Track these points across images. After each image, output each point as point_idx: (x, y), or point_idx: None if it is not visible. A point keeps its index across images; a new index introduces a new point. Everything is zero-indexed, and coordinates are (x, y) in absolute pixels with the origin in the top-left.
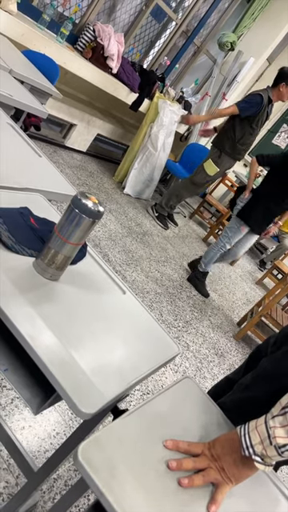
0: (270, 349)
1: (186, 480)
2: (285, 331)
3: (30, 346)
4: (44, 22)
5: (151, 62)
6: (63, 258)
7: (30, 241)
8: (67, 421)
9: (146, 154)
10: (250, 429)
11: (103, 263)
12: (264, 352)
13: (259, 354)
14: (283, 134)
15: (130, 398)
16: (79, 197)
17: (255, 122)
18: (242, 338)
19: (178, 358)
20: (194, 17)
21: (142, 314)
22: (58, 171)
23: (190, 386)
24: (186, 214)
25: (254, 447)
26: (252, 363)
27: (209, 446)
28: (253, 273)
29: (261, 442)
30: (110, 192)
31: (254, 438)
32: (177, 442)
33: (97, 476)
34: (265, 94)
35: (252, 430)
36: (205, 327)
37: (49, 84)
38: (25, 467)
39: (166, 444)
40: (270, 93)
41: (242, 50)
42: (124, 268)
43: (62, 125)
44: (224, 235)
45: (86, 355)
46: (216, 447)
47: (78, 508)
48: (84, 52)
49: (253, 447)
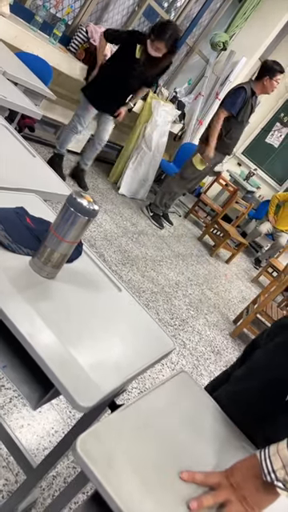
0: (263, 341)
1: (195, 504)
2: (278, 323)
3: (29, 343)
4: (37, 23)
5: None
6: (59, 257)
7: (26, 240)
8: (65, 419)
9: (140, 154)
10: (271, 453)
11: (99, 261)
12: (257, 345)
13: (253, 346)
14: (276, 132)
15: (128, 395)
16: (74, 196)
17: (241, 115)
18: (238, 335)
19: (175, 355)
20: (186, 17)
21: (138, 310)
22: (53, 171)
23: (186, 380)
24: (181, 214)
25: (275, 472)
26: (247, 356)
27: (226, 475)
28: (248, 271)
29: (283, 467)
30: (105, 192)
31: (275, 462)
32: (193, 473)
33: (95, 467)
34: (247, 87)
35: (273, 454)
36: (201, 325)
37: (42, 85)
38: (24, 464)
39: (182, 476)
40: (254, 85)
41: (234, 50)
42: (120, 268)
43: (56, 126)
44: (74, 115)
45: (84, 351)
46: (235, 475)
47: (77, 504)
48: (77, 53)
49: (275, 472)
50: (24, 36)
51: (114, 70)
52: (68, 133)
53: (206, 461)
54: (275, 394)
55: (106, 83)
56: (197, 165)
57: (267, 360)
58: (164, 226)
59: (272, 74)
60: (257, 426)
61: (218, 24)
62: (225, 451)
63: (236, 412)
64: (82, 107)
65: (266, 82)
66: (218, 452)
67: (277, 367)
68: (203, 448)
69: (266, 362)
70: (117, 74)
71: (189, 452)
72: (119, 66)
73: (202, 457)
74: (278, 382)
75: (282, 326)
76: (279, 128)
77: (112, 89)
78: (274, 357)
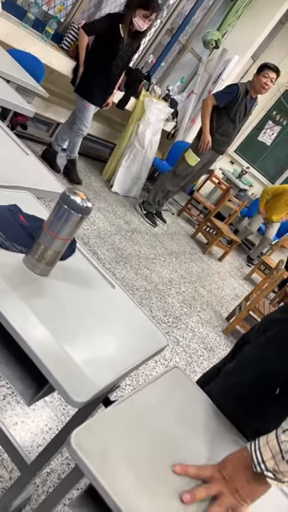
0: (253, 336)
1: (187, 496)
2: (268, 318)
3: (23, 340)
4: (29, 20)
5: (137, 60)
6: (53, 254)
7: (19, 237)
8: (59, 416)
9: (133, 151)
10: (261, 444)
11: (92, 259)
12: (248, 340)
13: (244, 342)
14: (268, 130)
15: (121, 392)
16: (68, 193)
17: (233, 111)
18: (231, 332)
19: (168, 352)
20: (179, 15)
21: (131, 307)
22: (46, 169)
23: (178, 376)
24: (174, 212)
25: (265, 463)
26: (237, 351)
27: (219, 468)
28: (241, 268)
29: (272, 457)
30: (98, 190)
31: (265, 453)
32: (186, 467)
33: (90, 461)
34: (242, 86)
35: (263, 445)
36: (194, 322)
37: (35, 83)
38: (18, 460)
39: (175, 469)
40: (249, 86)
41: (226, 48)
42: (113, 266)
43: (48, 124)
44: (75, 118)
45: (78, 347)
46: (227, 468)
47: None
48: (69, 51)
49: (264, 463)
50: (16, 33)
51: (102, 59)
52: (75, 138)
53: (199, 454)
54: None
55: (98, 76)
56: (189, 160)
57: (257, 354)
58: (157, 223)
59: (259, 70)
60: (248, 419)
61: (210, 22)
62: (217, 444)
63: (227, 405)
64: (81, 108)
65: (254, 78)
66: (211, 445)
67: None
68: (196, 442)
69: (256, 356)
70: (106, 62)
71: (182, 446)
72: (106, 53)
73: (194, 450)
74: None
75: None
76: (271, 126)
77: (106, 79)
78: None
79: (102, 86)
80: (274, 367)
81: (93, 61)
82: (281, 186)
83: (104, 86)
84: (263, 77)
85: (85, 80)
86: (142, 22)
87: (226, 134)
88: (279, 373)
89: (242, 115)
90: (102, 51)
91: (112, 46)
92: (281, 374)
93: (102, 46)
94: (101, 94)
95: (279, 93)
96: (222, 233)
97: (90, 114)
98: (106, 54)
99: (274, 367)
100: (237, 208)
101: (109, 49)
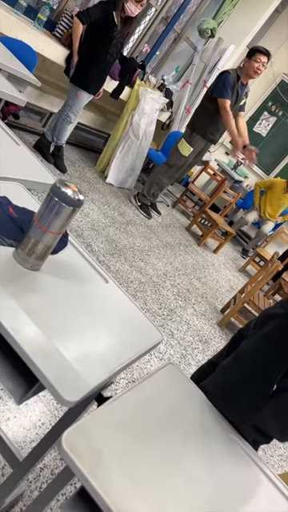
0: (250, 331)
1: None
2: (265, 312)
3: (12, 337)
4: (20, 7)
5: (131, 49)
6: (44, 248)
7: (9, 231)
8: (52, 411)
9: (127, 142)
10: None
11: (85, 253)
12: (245, 335)
13: (240, 337)
14: (264, 121)
15: (116, 386)
16: (58, 185)
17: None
18: (226, 324)
19: (163, 345)
20: (174, 3)
21: (125, 302)
22: (38, 160)
23: (173, 372)
24: (169, 203)
25: None
26: (234, 346)
27: None
28: (236, 260)
29: None
30: (92, 181)
31: None
32: None
33: (81, 463)
34: (233, 72)
35: None
36: (189, 315)
37: (27, 71)
38: (10, 457)
39: None
40: (240, 72)
41: (222, 37)
42: (108, 258)
43: (41, 113)
44: (65, 105)
45: (69, 344)
46: None
47: (64, 496)
48: (62, 39)
49: None
50: (7, 20)
51: (97, 47)
52: (62, 124)
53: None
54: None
55: (93, 65)
56: (182, 150)
57: (254, 350)
58: (152, 215)
59: (250, 54)
60: (244, 415)
61: (205, 11)
62: (211, 442)
63: (223, 401)
64: (72, 95)
65: (245, 63)
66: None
67: (264, 357)
68: (190, 439)
69: (253, 352)
70: (101, 50)
71: (176, 445)
72: (100, 41)
73: (189, 448)
74: (265, 371)
75: (269, 316)
76: (267, 117)
77: (101, 67)
78: (260, 347)
79: (98, 74)
80: (269, 364)
81: (87, 49)
82: (270, 180)
83: (99, 74)
84: (255, 61)
85: (80, 69)
86: (134, 7)
87: (217, 122)
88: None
89: (234, 102)
90: (97, 39)
91: (107, 33)
92: (278, 370)
93: (97, 34)
94: (96, 82)
95: (275, 83)
96: (217, 225)
97: (81, 103)
98: (101, 41)
99: (271, 363)
100: (232, 200)
101: (103, 37)
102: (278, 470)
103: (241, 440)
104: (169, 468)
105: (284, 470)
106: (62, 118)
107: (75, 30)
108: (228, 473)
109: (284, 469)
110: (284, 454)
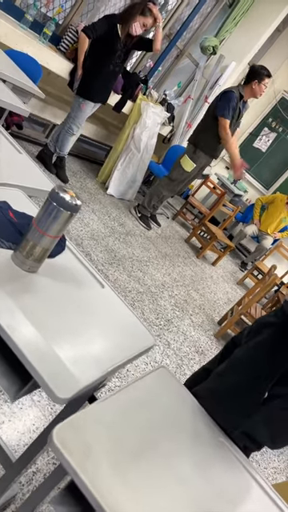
0: (243, 339)
1: None
2: (259, 321)
3: (8, 335)
4: (27, 22)
5: (134, 64)
6: (41, 251)
7: (8, 234)
8: (47, 416)
9: (129, 155)
10: None
11: (82, 258)
12: (238, 342)
13: (233, 344)
14: (264, 137)
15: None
16: (57, 190)
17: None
18: (223, 335)
19: (159, 355)
20: (177, 20)
21: (120, 306)
22: (39, 168)
23: (164, 375)
24: (169, 215)
25: None
26: (227, 353)
27: None
28: (234, 273)
29: None
30: (93, 192)
31: None
32: None
33: (71, 457)
34: (236, 90)
35: None
36: (186, 326)
37: (31, 83)
38: (3, 458)
39: None
40: (242, 90)
41: (223, 54)
42: (106, 267)
43: (44, 125)
44: (68, 117)
45: (64, 344)
46: None
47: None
48: (67, 53)
49: None
50: (14, 34)
51: (102, 59)
52: (65, 135)
53: (182, 453)
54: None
55: (98, 76)
56: (185, 166)
57: (247, 358)
58: (152, 227)
59: (260, 77)
60: (235, 421)
61: (208, 28)
62: (201, 445)
63: (215, 407)
64: (76, 107)
65: (254, 85)
66: (195, 445)
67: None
68: (181, 442)
69: (245, 360)
70: (105, 61)
71: (166, 444)
72: (105, 54)
73: (178, 448)
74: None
75: (262, 325)
76: (267, 133)
77: (106, 78)
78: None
79: (102, 84)
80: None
81: (91, 62)
82: (272, 195)
83: (104, 84)
84: (264, 85)
85: (85, 81)
86: (139, 29)
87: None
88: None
89: (236, 119)
90: (101, 52)
91: (111, 45)
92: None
93: (102, 46)
94: (101, 91)
95: (275, 100)
96: (216, 237)
97: (84, 116)
98: (105, 54)
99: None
100: (231, 213)
101: (108, 49)
102: (272, 483)
103: (232, 445)
104: (159, 469)
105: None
106: (65, 130)
107: (81, 45)
108: (218, 475)
109: (278, 481)
110: (278, 466)
